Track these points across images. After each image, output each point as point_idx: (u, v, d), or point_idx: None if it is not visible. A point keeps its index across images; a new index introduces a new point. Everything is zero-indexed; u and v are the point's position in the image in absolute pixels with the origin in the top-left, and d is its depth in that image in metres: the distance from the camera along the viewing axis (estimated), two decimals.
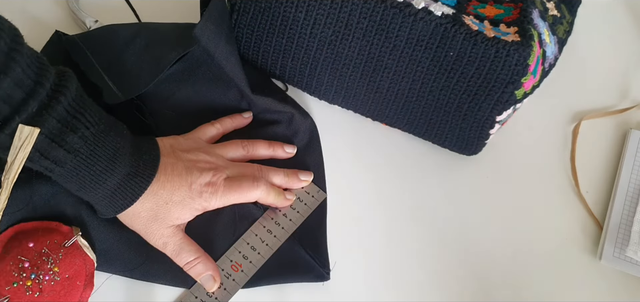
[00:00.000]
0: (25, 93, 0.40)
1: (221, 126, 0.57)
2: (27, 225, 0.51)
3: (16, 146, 0.40)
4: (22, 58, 0.40)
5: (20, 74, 0.40)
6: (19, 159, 0.41)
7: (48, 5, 0.65)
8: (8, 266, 0.48)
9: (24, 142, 0.40)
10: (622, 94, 0.66)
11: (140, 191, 0.47)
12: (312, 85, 0.59)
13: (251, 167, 0.55)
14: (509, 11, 0.54)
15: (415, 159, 0.60)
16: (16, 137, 0.40)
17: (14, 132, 0.40)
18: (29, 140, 0.41)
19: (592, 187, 0.60)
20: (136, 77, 0.55)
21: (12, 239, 0.50)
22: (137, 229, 0.50)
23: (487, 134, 0.56)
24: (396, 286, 0.54)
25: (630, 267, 0.55)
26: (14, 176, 0.42)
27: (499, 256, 0.56)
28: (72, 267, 0.49)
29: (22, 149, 0.41)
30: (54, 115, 0.42)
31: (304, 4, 0.53)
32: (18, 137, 0.40)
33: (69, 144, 0.43)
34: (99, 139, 0.45)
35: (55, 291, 0.48)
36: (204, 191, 0.50)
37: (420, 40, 0.52)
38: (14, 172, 0.41)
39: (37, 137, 0.41)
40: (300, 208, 0.56)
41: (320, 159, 0.59)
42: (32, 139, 0.41)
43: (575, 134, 0.63)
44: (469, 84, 0.53)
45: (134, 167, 0.47)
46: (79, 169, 0.44)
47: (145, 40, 0.57)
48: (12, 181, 0.42)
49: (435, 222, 0.57)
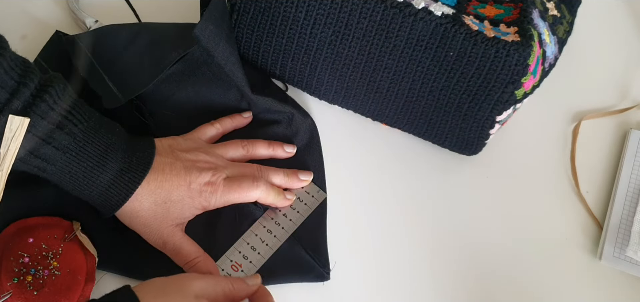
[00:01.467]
0: (9, 93, 0.42)
1: (221, 126, 0.57)
2: (29, 221, 0.51)
3: (8, 137, 0.42)
4: (4, 60, 0.42)
5: (3, 75, 0.42)
6: (12, 150, 0.42)
7: (48, 5, 0.64)
8: (9, 261, 0.48)
9: (15, 133, 0.42)
10: (622, 94, 0.66)
11: (133, 186, 0.47)
12: (312, 85, 0.59)
13: (251, 167, 0.55)
14: (509, 11, 0.54)
15: (415, 159, 0.60)
16: (7, 129, 0.42)
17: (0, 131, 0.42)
18: (20, 131, 0.42)
19: (592, 187, 0.60)
20: (136, 77, 0.55)
21: (13, 235, 0.50)
22: (137, 228, 0.50)
23: (487, 134, 0.56)
24: (396, 285, 0.54)
25: (630, 267, 0.55)
26: (8, 167, 0.43)
27: (498, 255, 0.56)
28: (72, 262, 0.49)
29: (14, 140, 0.42)
30: (39, 113, 0.43)
31: (304, 4, 0.53)
32: (9, 128, 0.42)
33: (57, 141, 0.44)
34: (89, 135, 0.46)
35: (56, 286, 0.48)
36: (204, 190, 0.51)
37: (420, 40, 0.52)
38: (7, 163, 0.42)
39: (25, 136, 0.42)
40: (300, 208, 0.56)
41: (320, 159, 0.59)
42: (23, 129, 0.42)
43: (575, 134, 0.63)
44: (469, 84, 0.53)
45: (127, 163, 0.47)
46: (70, 166, 0.45)
47: (145, 41, 0.57)
48: (6, 172, 0.43)
49: (435, 222, 0.57)
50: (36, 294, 0.47)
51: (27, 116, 0.42)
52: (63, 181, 0.46)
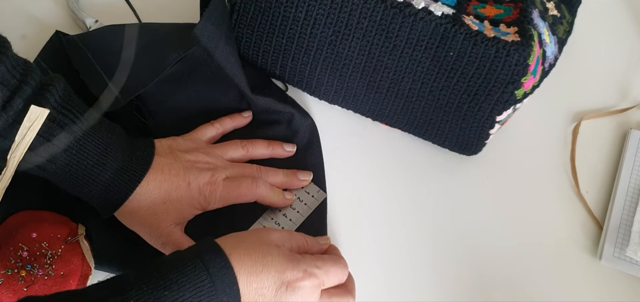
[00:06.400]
0: (10, 91, 0.43)
1: (221, 126, 0.57)
2: (39, 214, 0.51)
3: (25, 126, 0.43)
4: (7, 60, 0.42)
5: (5, 73, 0.42)
6: (27, 139, 0.43)
7: (48, 5, 0.65)
8: (8, 251, 0.48)
9: (34, 123, 0.43)
10: (622, 94, 0.66)
11: (133, 185, 0.48)
12: (312, 85, 0.59)
13: (250, 167, 0.55)
14: (509, 11, 0.54)
15: (415, 159, 0.60)
16: (26, 118, 0.42)
17: (1, 129, 0.42)
18: (38, 121, 0.43)
19: (592, 187, 0.60)
20: (136, 77, 0.55)
21: (20, 224, 0.50)
22: (136, 228, 0.50)
23: (487, 134, 0.56)
24: (396, 285, 0.54)
25: (630, 267, 0.55)
26: (20, 155, 0.43)
27: (499, 255, 0.56)
28: (68, 265, 0.49)
29: (31, 130, 0.43)
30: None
31: (304, 4, 0.53)
32: (28, 118, 0.43)
33: (57, 139, 0.44)
34: (89, 134, 0.46)
35: (46, 286, 0.48)
36: (203, 190, 0.51)
37: (420, 40, 0.52)
38: (20, 151, 0.43)
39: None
40: (300, 208, 0.56)
41: (320, 159, 0.59)
42: (41, 119, 0.43)
43: (575, 134, 0.63)
44: (469, 84, 0.53)
45: (126, 162, 0.48)
46: (70, 165, 0.45)
47: (145, 41, 0.57)
48: (18, 159, 0.43)
49: (435, 222, 0.57)
50: (26, 290, 0.48)
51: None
52: (63, 180, 0.46)
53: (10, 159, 0.43)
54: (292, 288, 0.44)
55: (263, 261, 0.43)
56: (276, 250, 0.44)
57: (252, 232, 0.46)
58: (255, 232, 0.46)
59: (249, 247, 0.43)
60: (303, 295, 0.44)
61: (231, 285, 0.41)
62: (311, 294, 0.45)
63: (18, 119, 0.43)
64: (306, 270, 0.44)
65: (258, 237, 0.45)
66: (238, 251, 0.42)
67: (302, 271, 0.44)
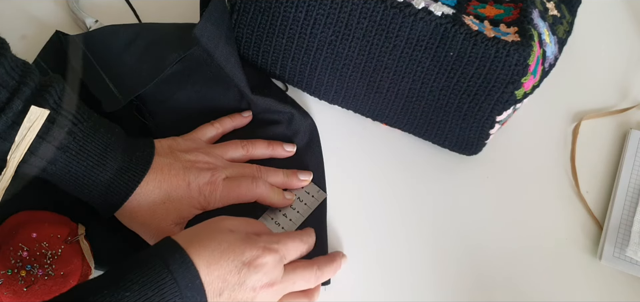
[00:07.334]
0: (10, 92, 0.43)
1: (221, 126, 0.57)
2: (39, 214, 0.51)
3: (25, 127, 0.43)
4: (6, 61, 0.42)
5: (4, 75, 0.42)
6: (27, 139, 0.43)
7: (48, 5, 0.64)
8: (8, 251, 0.48)
9: (34, 124, 0.43)
10: (622, 94, 0.66)
11: (133, 185, 0.48)
12: (312, 85, 0.59)
13: (250, 167, 0.55)
14: (509, 11, 0.54)
15: (415, 159, 0.60)
16: (26, 119, 0.42)
17: (1, 130, 0.42)
18: (38, 122, 0.43)
19: (592, 187, 0.60)
20: (136, 77, 0.55)
21: (20, 224, 0.50)
22: (136, 228, 0.50)
23: (487, 134, 0.56)
24: (396, 285, 0.54)
25: (630, 267, 0.55)
26: (20, 155, 0.43)
27: (499, 255, 0.56)
28: (68, 265, 0.49)
29: (31, 130, 0.43)
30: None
31: (304, 4, 0.53)
32: (28, 119, 0.42)
33: (57, 140, 0.44)
34: (88, 135, 0.46)
35: (46, 286, 0.48)
36: (203, 190, 0.51)
37: (420, 40, 0.52)
38: (20, 151, 0.43)
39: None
40: (300, 208, 0.56)
41: (320, 159, 0.59)
42: (41, 120, 0.43)
43: (575, 134, 0.63)
44: (469, 84, 0.53)
45: (126, 162, 0.48)
46: (70, 165, 0.45)
47: (145, 41, 0.57)
48: (18, 159, 0.43)
49: (435, 222, 0.57)
50: (25, 291, 0.48)
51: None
52: (63, 181, 0.46)
53: (10, 159, 0.43)
54: (255, 267, 0.44)
55: (219, 247, 0.43)
56: (231, 235, 0.44)
57: (205, 223, 0.46)
58: (207, 222, 0.46)
59: (203, 238, 0.43)
60: (266, 271, 0.44)
61: (193, 279, 0.41)
62: (274, 269, 0.45)
63: (17, 120, 0.43)
64: (264, 247, 0.45)
65: (211, 227, 0.45)
66: (193, 244, 0.43)
67: (261, 249, 0.45)
